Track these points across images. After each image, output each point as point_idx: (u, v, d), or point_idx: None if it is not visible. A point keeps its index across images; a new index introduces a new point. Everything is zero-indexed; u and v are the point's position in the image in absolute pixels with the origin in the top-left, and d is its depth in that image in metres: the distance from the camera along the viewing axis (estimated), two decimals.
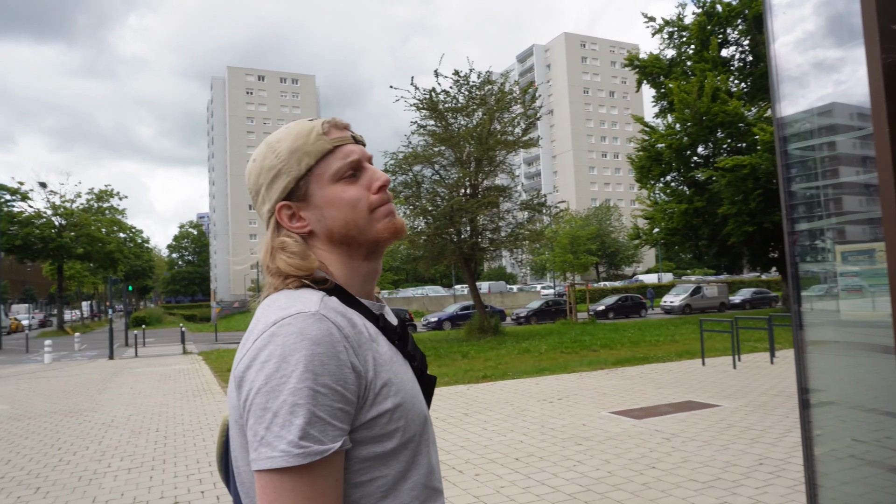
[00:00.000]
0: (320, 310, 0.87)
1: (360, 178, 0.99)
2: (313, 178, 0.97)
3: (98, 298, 79.01)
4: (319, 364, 0.82)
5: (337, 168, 0.97)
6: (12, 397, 11.36)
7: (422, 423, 0.95)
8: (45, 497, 5.12)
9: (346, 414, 0.84)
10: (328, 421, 0.81)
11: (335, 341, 0.85)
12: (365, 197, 0.98)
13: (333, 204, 0.97)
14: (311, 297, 0.90)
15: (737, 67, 26.42)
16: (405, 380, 0.94)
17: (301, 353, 0.82)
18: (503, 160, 20.61)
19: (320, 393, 0.81)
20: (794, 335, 2.60)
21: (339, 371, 0.83)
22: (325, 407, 0.81)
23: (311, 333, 0.84)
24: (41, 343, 24.24)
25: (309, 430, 0.80)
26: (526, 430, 6.71)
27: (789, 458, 5.25)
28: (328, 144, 0.98)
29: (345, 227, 0.98)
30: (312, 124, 0.99)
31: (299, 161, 0.97)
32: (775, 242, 25.21)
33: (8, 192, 37.90)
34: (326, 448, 0.80)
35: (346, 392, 0.84)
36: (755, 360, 11.44)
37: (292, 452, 0.79)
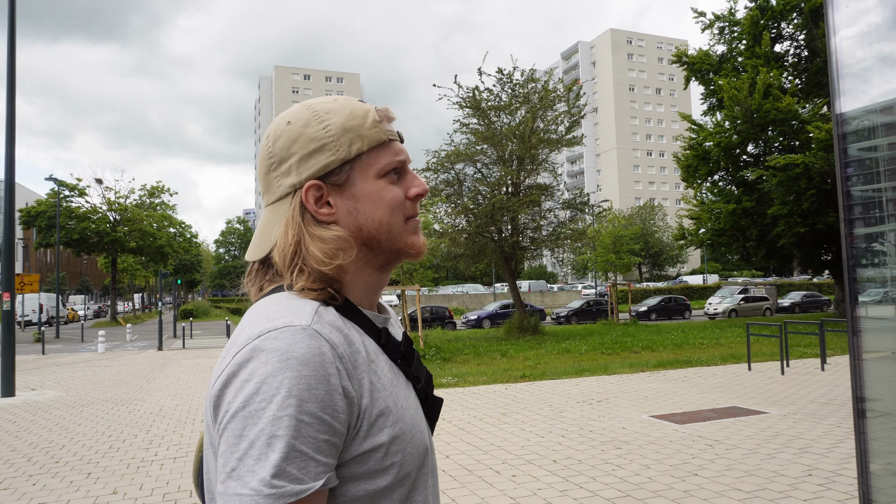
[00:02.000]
0: (312, 324, 0.76)
1: (401, 181, 0.90)
2: (359, 166, 0.87)
3: (149, 291, 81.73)
4: (306, 388, 0.71)
5: (386, 163, 0.88)
6: (68, 385, 11.84)
7: (421, 457, 0.84)
8: (95, 482, 5.31)
9: (332, 447, 0.73)
10: (311, 455, 0.70)
11: (326, 363, 0.74)
12: (403, 201, 0.89)
13: (373, 200, 0.87)
14: (305, 307, 0.79)
15: (791, 63, 25.54)
16: (406, 407, 0.84)
17: (285, 375, 0.71)
18: (546, 158, 20.43)
19: (304, 423, 0.70)
20: (850, 341, 2.49)
21: (328, 397, 0.72)
22: (309, 439, 0.70)
23: (298, 352, 0.73)
24: (95, 333, 25.22)
25: (286, 466, 0.69)
26: (564, 431, 6.63)
27: (840, 469, 5.04)
28: (384, 135, 0.88)
29: (377, 229, 0.87)
30: (367, 107, 0.89)
31: (351, 143, 0.86)
32: (828, 244, 24.31)
33: (67, 188, 39.51)
34: (305, 488, 0.69)
35: (335, 422, 0.73)
36: (805, 367, 11.05)
37: (263, 492, 0.68)
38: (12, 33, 10.77)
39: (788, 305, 34.78)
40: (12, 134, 10.73)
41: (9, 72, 10.72)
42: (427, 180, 20.37)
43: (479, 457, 5.74)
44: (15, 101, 10.78)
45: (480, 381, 10.49)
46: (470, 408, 8.14)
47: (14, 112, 10.77)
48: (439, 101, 20.36)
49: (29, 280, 21.07)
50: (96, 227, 40.39)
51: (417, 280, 21.46)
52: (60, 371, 14.44)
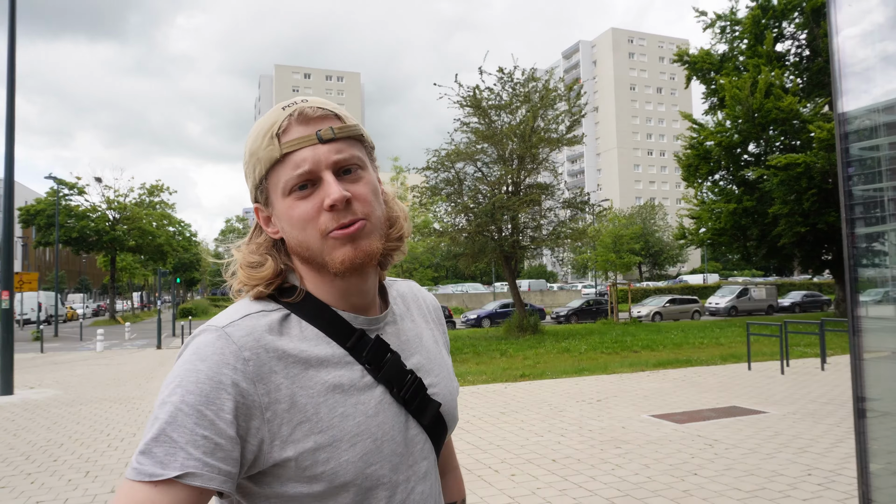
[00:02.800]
0: (227, 326, 0.80)
1: (317, 192, 0.84)
2: (270, 187, 0.87)
3: (148, 289, 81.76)
4: (194, 382, 0.74)
5: (285, 181, 0.84)
6: (67, 383, 11.83)
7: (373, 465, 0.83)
8: (94, 481, 5.30)
9: (212, 445, 0.73)
10: (181, 445, 0.71)
11: (223, 363, 0.76)
12: (315, 216, 0.84)
13: (286, 220, 0.86)
14: (239, 311, 0.84)
15: (792, 62, 25.51)
16: (350, 414, 0.83)
17: (183, 367, 0.76)
18: (546, 158, 20.40)
19: (182, 412, 0.73)
20: (850, 341, 2.48)
21: (213, 394, 0.74)
22: (183, 429, 0.72)
23: (202, 350, 0.77)
24: (94, 331, 25.22)
25: (153, 447, 0.72)
26: (564, 431, 6.62)
27: (840, 469, 5.03)
28: (276, 152, 0.84)
29: (298, 247, 0.87)
30: (274, 119, 0.86)
31: (254, 167, 0.87)
32: (829, 244, 24.29)
33: (66, 186, 39.48)
34: (160, 472, 0.70)
35: (218, 420, 0.74)
36: (805, 366, 11.03)
37: (132, 464, 0.72)
38: (12, 32, 10.74)
39: (789, 305, 34.75)
40: (12, 133, 10.71)
41: (9, 71, 10.69)
42: (427, 179, 20.36)
43: (479, 456, 5.73)
44: (14, 100, 10.75)
45: (480, 380, 10.48)
46: (469, 407, 8.13)
47: (14, 111, 10.73)
48: (440, 100, 20.36)
49: (28, 278, 21.07)
50: (95, 225, 40.37)
51: (417, 279, 21.46)
52: (59, 369, 14.43)
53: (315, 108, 0.86)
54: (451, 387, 1.02)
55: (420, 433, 0.92)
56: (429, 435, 0.94)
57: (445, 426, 0.98)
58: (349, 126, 0.88)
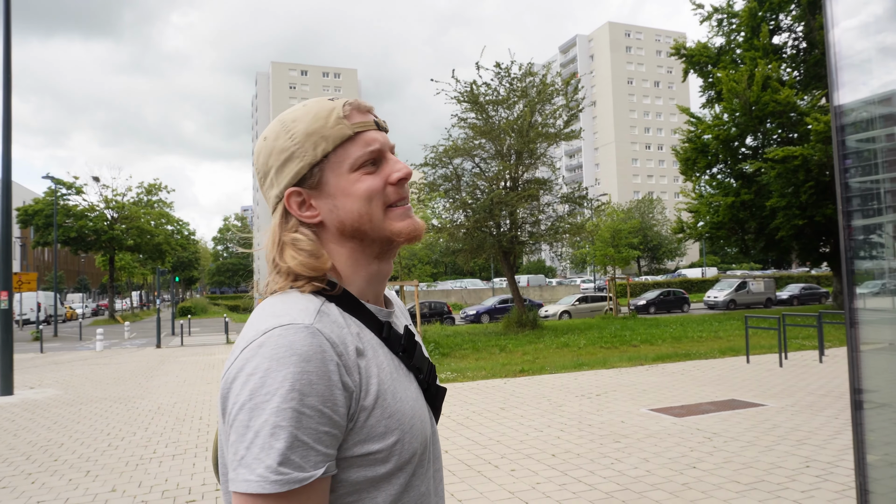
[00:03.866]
0: (315, 322, 0.81)
1: (380, 170, 0.92)
2: (329, 166, 0.90)
3: (147, 288, 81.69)
4: (307, 383, 0.76)
5: (356, 157, 0.90)
6: (66, 383, 11.83)
7: (421, 445, 0.89)
8: (94, 480, 5.31)
9: (332, 438, 0.78)
10: (311, 446, 0.75)
11: (327, 359, 0.78)
12: (382, 190, 0.91)
13: (349, 194, 0.90)
14: (308, 306, 0.84)
15: (789, 55, 25.51)
16: (405, 398, 0.88)
17: (288, 370, 0.76)
18: (544, 153, 20.37)
19: (305, 415, 0.75)
20: (847, 333, 2.48)
21: (328, 392, 0.77)
22: (310, 430, 0.75)
23: (301, 349, 0.77)
24: (94, 331, 25.21)
25: (290, 455, 0.74)
26: (563, 425, 6.64)
27: (838, 461, 5.05)
28: (349, 130, 0.90)
29: (358, 221, 0.90)
30: (333, 105, 0.91)
31: (315, 146, 0.89)
32: (827, 236, 24.32)
33: (64, 186, 39.39)
34: (308, 476, 0.75)
35: (335, 415, 0.78)
36: (803, 359, 11.06)
37: (269, 478, 0.73)
38: (7, 35, 10.67)
39: (787, 298, 34.83)
40: (9, 133, 10.67)
41: (5, 72, 10.64)
42: (425, 175, 20.33)
43: (478, 451, 5.75)
44: (11, 102, 10.70)
45: (479, 375, 10.50)
46: (469, 402, 8.15)
47: (10, 113, 10.69)
48: (437, 95, 20.26)
49: (27, 279, 21.06)
50: (94, 225, 40.29)
51: (416, 275, 21.49)
52: (59, 369, 14.42)
53: (364, 101, 0.95)
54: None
55: (432, 417, 0.99)
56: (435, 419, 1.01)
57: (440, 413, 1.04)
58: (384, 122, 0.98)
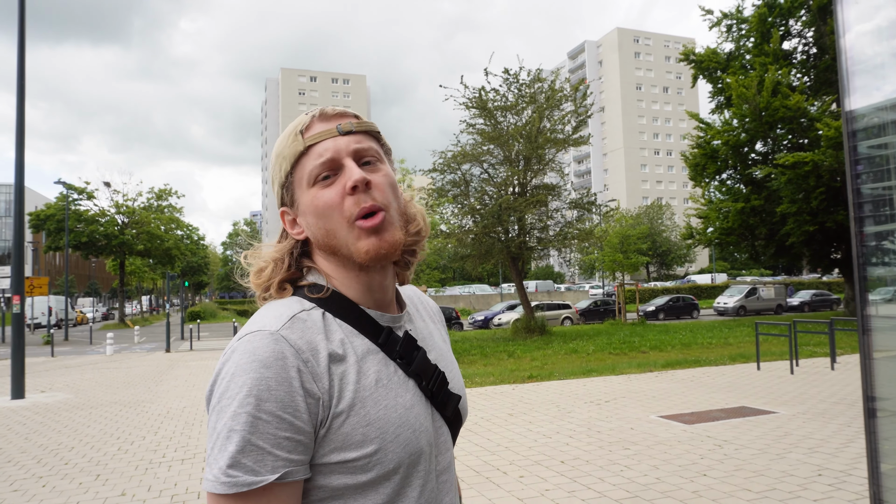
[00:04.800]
0: (281, 329, 0.82)
1: (338, 179, 0.89)
2: (295, 183, 0.91)
3: (157, 293, 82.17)
4: (265, 389, 0.77)
5: (309, 170, 0.89)
6: (77, 387, 11.90)
7: (412, 455, 0.87)
8: (104, 484, 5.33)
9: (294, 443, 0.78)
10: (268, 450, 0.76)
11: (288, 366, 0.79)
12: (339, 202, 0.88)
13: (311, 212, 0.90)
14: (283, 312, 0.85)
15: (799, 60, 25.38)
16: (392, 406, 0.86)
17: (248, 376, 0.77)
18: (552, 158, 20.36)
19: (262, 420, 0.76)
20: (860, 340, 2.46)
21: (287, 398, 0.78)
22: (266, 435, 0.76)
23: (261, 355, 0.79)
24: (104, 335, 25.35)
25: (240, 458, 0.75)
26: (572, 432, 6.61)
27: (851, 469, 5.00)
28: (300, 145, 0.90)
29: (325, 238, 0.90)
30: (298, 120, 0.92)
31: (280, 166, 0.92)
32: (838, 242, 24.13)
33: (76, 191, 39.75)
34: (259, 479, 0.75)
35: (296, 420, 0.78)
36: (814, 366, 10.96)
37: (220, 479, 0.75)
38: (22, 46, 10.78)
39: (798, 304, 34.56)
40: (22, 140, 10.79)
41: (18, 83, 10.74)
42: (433, 181, 20.36)
43: (487, 457, 5.73)
44: (24, 111, 10.80)
45: (487, 381, 10.47)
46: (477, 408, 8.13)
47: (23, 121, 10.79)
48: (446, 101, 20.34)
49: (38, 283, 21.21)
50: (104, 230, 40.61)
51: (424, 281, 21.46)
52: (69, 373, 14.52)
53: (334, 108, 0.94)
54: (462, 383, 1.07)
55: (443, 425, 0.97)
56: (449, 427, 0.99)
57: (461, 419, 1.03)
58: (366, 122, 0.95)
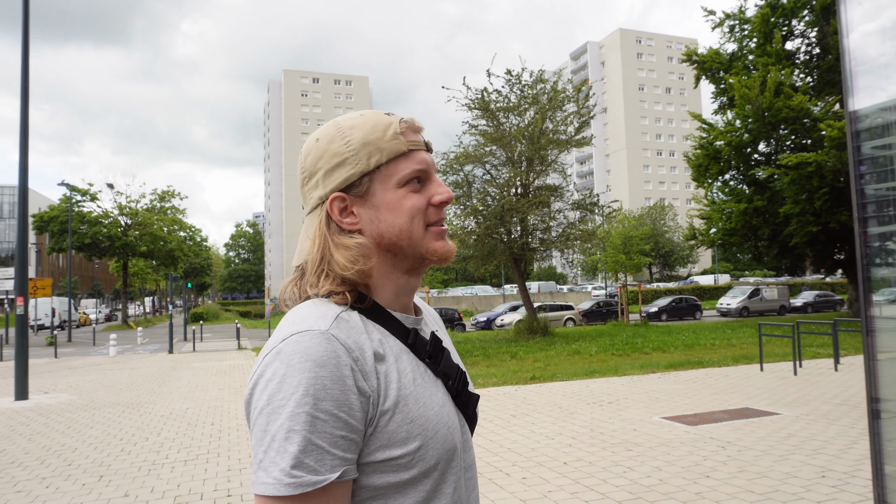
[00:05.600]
0: (331, 328, 0.83)
1: (424, 189, 0.94)
2: (379, 177, 0.92)
3: (159, 294, 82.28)
4: (322, 388, 0.78)
5: (406, 173, 0.92)
6: (80, 388, 11.92)
7: (448, 451, 0.89)
8: (107, 485, 5.34)
9: (349, 442, 0.80)
10: (327, 449, 0.77)
11: (341, 364, 0.80)
12: (424, 209, 0.93)
13: (393, 209, 0.92)
14: (327, 312, 0.86)
15: (802, 61, 25.34)
16: (430, 404, 0.89)
17: (303, 376, 0.78)
18: (555, 159, 20.35)
19: (320, 419, 0.77)
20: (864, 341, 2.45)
21: (343, 396, 0.79)
22: (325, 434, 0.77)
23: (315, 354, 0.80)
24: (107, 336, 25.40)
25: (303, 458, 0.76)
26: (575, 433, 6.60)
27: (854, 471, 4.98)
28: (404, 146, 0.92)
29: (398, 236, 0.92)
30: (390, 119, 0.94)
31: (370, 156, 0.91)
32: (842, 243, 24.08)
33: (79, 193, 39.86)
34: (322, 479, 0.76)
35: (351, 419, 0.79)
36: (818, 367, 10.93)
37: (284, 481, 0.76)
38: (26, 51, 10.80)
39: (801, 305, 34.48)
40: (26, 142, 10.81)
41: (22, 86, 10.76)
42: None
43: (490, 459, 5.72)
44: (28, 115, 10.83)
45: (490, 382, 10.47)
46: (480, 410, 8.11)
47: (27, 125, 10.82)
48: (448, 102, 20.33)
49: (42, 284, 21.26)
50: (108, 231, 40.72)
51: (427, 282, 21.47)
52: (72, 374, 14.55)
53: (417, 122, 0.97)
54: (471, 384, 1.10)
55: (464, 423, 0.99)
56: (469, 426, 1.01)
57: (477, 418, 1.04)
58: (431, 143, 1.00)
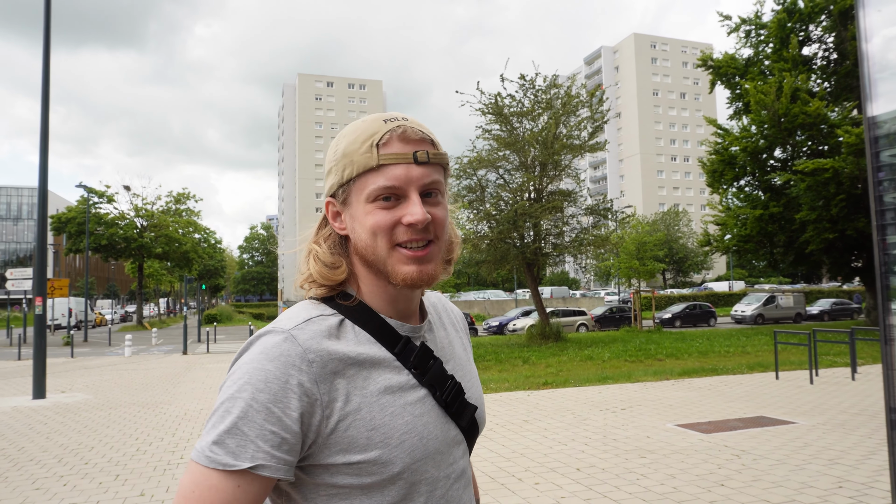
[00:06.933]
0: (293, 329, 0.87)
1: (398, 207, 0.91)
2: (353, 189, 0.93)
3: (174, 296, 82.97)
4: (262, 381, 0.82)
5: (372, 189, 0.90)
6: (96, 388, 12.05)
7: (419, 461, 0.89)
8: (123, 484, 5.40)
9: (280, 439, 0.81)
10: (251, 438, 0.80)
11: (289, 364, 0.83)
12: (390, 228, 0.90)
13: (360, 223, 0.92)
14: (300, 315, 0.90)
15: (819, 66, 25.12)
16: (400, 414, 0.89)
17: (251, 366, 0.83)
18: (568, 164, 20.31)
19: (252, 409, 0.80)
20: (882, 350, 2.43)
21: (281, 394, 0.82)
22: (253, 424, 0.80)
23: (269, 351, 0.84)
24: (122, 337, 25.65)
25: (225, 438, 0.80)
26: (588, 439, 6.57)
27: (872, 482, 4.92)
28: (373, 161, 0.90)
29: (364, 251, 0.93)
30: (376, 129, 0.92)
31: (344, 168, 0.93)
32: (859, 250, 23.79)
33: (96, 194, 40.36)
34: (235, 464, 0.79)
35: (285, 417, 0.81)
36: (834, 376, 10.80)
37: (204, 452, 0.80)
38: (47, 57, 10.96)
39: (817, 313, 34.08)
40: (45, 146, 10.96)
41: (43, 91, 10.91)
42: (449, 186, 20.34)
43: (502, 464, 5.72)
44: (48, 117, 10.96)
45: (502, 387, 10.45)
46: (492, 414, 8.11)
47: (48, 129, 10.94)
48: (462, 107, 20.35)
49: (59, 284, 21.52)
50: (124, 233, 41.19)
51: (439, 287, 21.44)
52: (89, 374, 14.71)
53: (416, 129, 0.93)
54: (480, 392, 1.09)
55: (458, 434, 0.99)
56: (465, 436, 1.01)
57: (478, 429, 1.04)
58: (441, 154, 0.95)
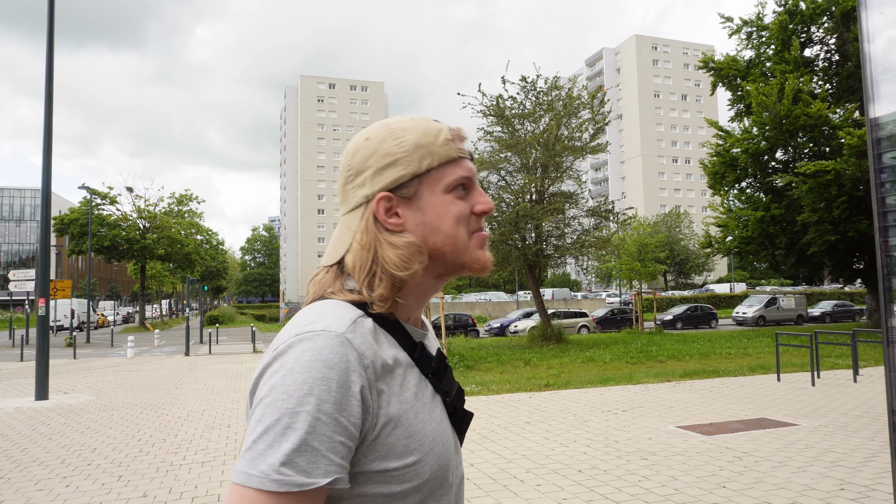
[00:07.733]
0: (346, 332, 0.81)
1: (468, 197, 0.94)
2: (428, 181, 0.92)
3: (176, 297, 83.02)
4: (327, 390, 0.76)
5: (453, 178, 0.92)
6: (99, 389, 12.08)
7: (442, 468, 0.89)
8: (126, 485, 5.41)
9: (346, 449, 0.77)
10: (322, 453, 0.75)
11: (350, 370, 0.78)
12: (468, 216, 0.93)
13: (439, 213, 0.91)
14: (344, 315, 0.84)
15: (821, 68, 25.11)
16: (428, 419, 0.88)
17: (310, 374, 0.76)
18: (570, 166, 20.35)
19: (320, 421, 0.75)
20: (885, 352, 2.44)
21: (345, 402, 0.77)
22: (323, 437, 0.75)
23: (327, 356, 0.78)
24: (125, 338, 25.69)
25: (295, 457, 0.73)
26: (589, 441, 6.58)
27: (875, 484, 4.92)
28: (454, 153, 0.93)
29: (443, 241, 0.91)
30: (440, 126, 0.95)
31: (422, 158, 0.91)
32: (861, 252, 23.77)
33: (99, 196, 40.44)
34: (311, 482, 0.73)
35: (350, 426, 0.77)
36: (836, 378, 10.80)
37: (270, 476, 0.72)
38: (50, 58, 11.01)
39: (819, 315, 34.05)
40: (49, 149, 10.99)
41: (47, 92, 10.96)
42: None
43: (504, 465, 5.73)
44: (52, 122, 11.00)
45: (504, 389, 10.46)
46: (494, 416, 8.12)
47: (51, 132, 10.98)
48: (463, 109, 20.39)
49: (62, 286, 21.58)
50: (126, 234, 41.23)
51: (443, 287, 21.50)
52: (91, 375, 14.73)
53: (464, 132, 0.99)
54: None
55: (457, 440, 0.99)
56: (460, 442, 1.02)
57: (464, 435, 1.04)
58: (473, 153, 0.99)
